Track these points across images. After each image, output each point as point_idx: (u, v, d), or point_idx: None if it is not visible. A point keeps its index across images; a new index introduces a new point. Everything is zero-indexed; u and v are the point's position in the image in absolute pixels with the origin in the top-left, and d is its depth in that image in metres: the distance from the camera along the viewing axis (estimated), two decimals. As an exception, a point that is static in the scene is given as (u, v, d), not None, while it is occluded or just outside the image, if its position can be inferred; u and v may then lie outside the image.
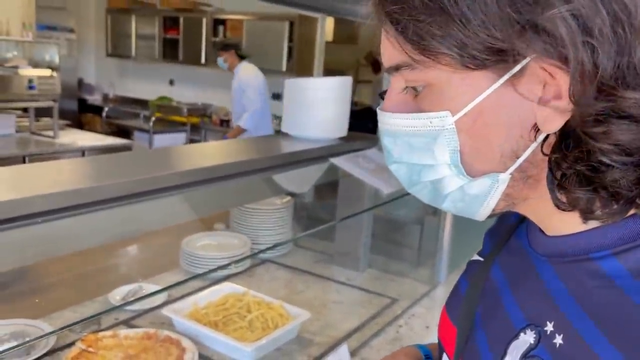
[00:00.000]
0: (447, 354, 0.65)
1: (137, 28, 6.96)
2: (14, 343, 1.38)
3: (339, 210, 2.01)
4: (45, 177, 1.19)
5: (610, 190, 0.44)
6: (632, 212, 0.46)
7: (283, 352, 1.46)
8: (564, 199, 0.47)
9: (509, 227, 0.63)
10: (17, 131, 4.19)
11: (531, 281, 0.54)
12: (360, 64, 6.17)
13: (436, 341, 0.71)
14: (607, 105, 0.42)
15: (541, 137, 0.46)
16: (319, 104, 1.71)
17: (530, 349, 0.49)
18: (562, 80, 0.43)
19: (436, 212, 2.02)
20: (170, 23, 6.67)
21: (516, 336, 0.52)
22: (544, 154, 0.47)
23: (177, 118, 6.32)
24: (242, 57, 4.48)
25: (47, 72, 4.11)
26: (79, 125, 6.28)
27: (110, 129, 6.42)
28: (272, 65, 5.86)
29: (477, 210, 0.52)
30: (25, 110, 4.27)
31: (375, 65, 5.57)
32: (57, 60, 4.65)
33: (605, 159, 0.43)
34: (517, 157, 0.47)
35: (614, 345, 0.42)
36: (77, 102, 7.14)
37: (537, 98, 0.45)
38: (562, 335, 0.47)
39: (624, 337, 0.42)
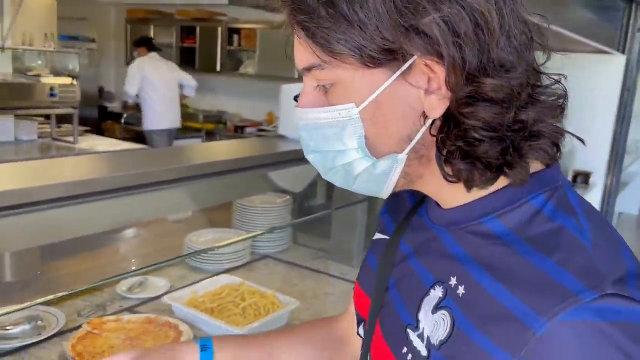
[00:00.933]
0: (365, 319, 0.74)
1: (155, 37, 7.15)
2: (28, 326, 1.52)
3: (335, 207, 2.12)
4: (61, 169, 1.34)
5: (483, 161, 0.55)
6: (507, 183, 0.57)
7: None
8: (450, 172, 0.57)
9: (409, 209, 0.74)
10: (39, 137, 4.38)
11: (435, 248, 0.64)
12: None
13: None
14: (473, 89, 0.53)
15: (429, 122, 0.56)
16: (312, 107, 1.82)
17: (440, 301, 0.59)
18: (441, 73, 0.53)
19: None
20: (187, 32, 6.86)
21: (427, 293, 0.61)
22: (432, 135, 0.57)
23: (193, 125, 6.48)
24: (152, 50, 5.30)
25: (68, 81, 4.29)
26: (100, 131, 6.47)
27: (129, 135, 6.60)
28: (285, 73, 5.99)
29: (382, 189, 0.61)
30: (47, 117, 4.47)
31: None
32: (77, 69, 4.85)
33: (476, 135, 0.54)
34: (411, 140, 0.57)
35: (505, 286, 0.53)
36: (97, 109, 7.36)
37: (423, 89, 0.55)
38: (463, 286, 0.57)
39: (512, 280, 0.53)
